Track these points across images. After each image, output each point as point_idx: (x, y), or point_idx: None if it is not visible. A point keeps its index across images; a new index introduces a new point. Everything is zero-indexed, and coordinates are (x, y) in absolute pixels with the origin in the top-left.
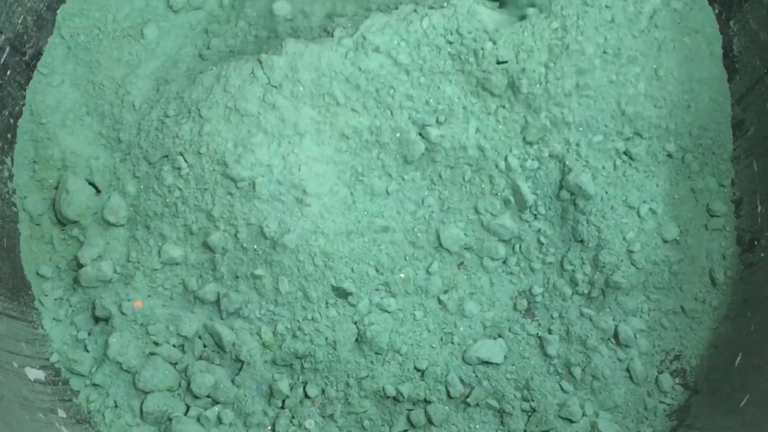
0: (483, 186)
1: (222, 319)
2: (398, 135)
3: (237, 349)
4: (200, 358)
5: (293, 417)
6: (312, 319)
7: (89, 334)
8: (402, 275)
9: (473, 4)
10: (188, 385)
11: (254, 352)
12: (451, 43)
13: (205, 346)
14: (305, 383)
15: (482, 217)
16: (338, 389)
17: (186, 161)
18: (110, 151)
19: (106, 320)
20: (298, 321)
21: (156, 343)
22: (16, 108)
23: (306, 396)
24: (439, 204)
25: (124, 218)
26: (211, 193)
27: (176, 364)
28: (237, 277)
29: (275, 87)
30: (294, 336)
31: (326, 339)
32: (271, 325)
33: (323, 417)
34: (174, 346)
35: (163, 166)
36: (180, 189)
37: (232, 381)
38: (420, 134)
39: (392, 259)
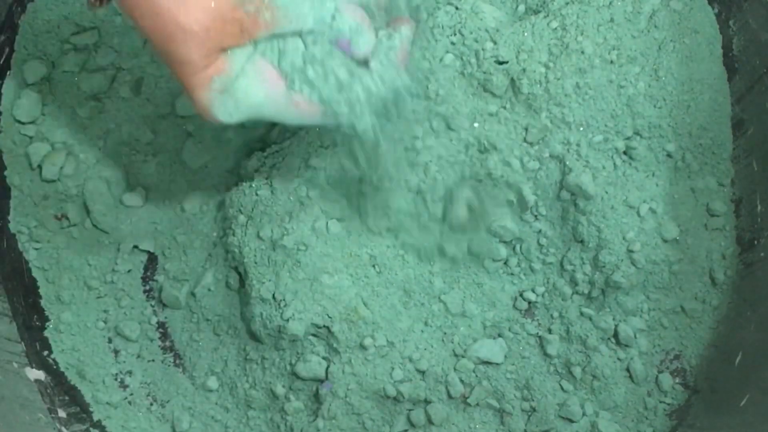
0: None
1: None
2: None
3: None
4: None
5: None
6: None
7: None
8: (410, 272)
9: (477, 1)
10: None
11: None
12: (453, 44)
13: None
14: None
15: None
16: (339, 390)
17: None
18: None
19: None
20: None
21: None
22: None
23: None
24: None
25: None
26: None
27: None
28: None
29: None
30: None
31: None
32: None
33: (323, 418)
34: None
35: None
36: None
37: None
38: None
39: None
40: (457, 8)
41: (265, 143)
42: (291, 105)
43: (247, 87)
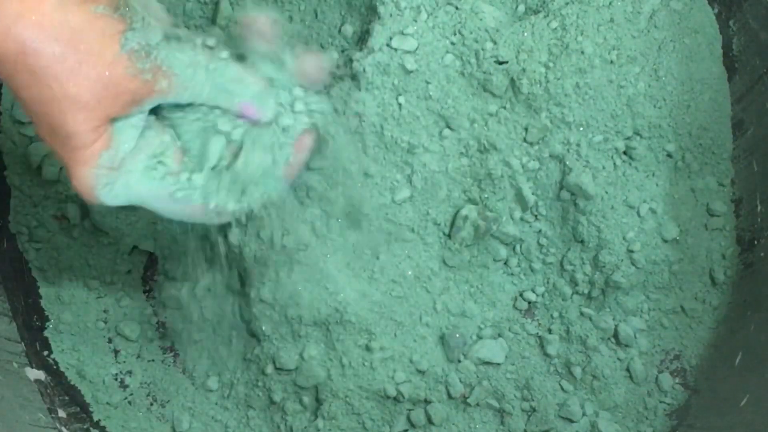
0: None
1: None
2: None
3: None
4: None
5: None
6: None
7: None
8: (410, 272)
9: (477, 1)
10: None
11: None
12: (453, 44)
13: None
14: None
15: None
16: (339, 390)
17: None
18: None
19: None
20: None
21: None
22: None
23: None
24: None
25: None
26: None
27: None
28: None
29: None
30: None
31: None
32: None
33: (323, 418)
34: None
35: None
36: None
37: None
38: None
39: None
40: (457, 8)
41: None
42: (173, 202)
43: (140, 176)
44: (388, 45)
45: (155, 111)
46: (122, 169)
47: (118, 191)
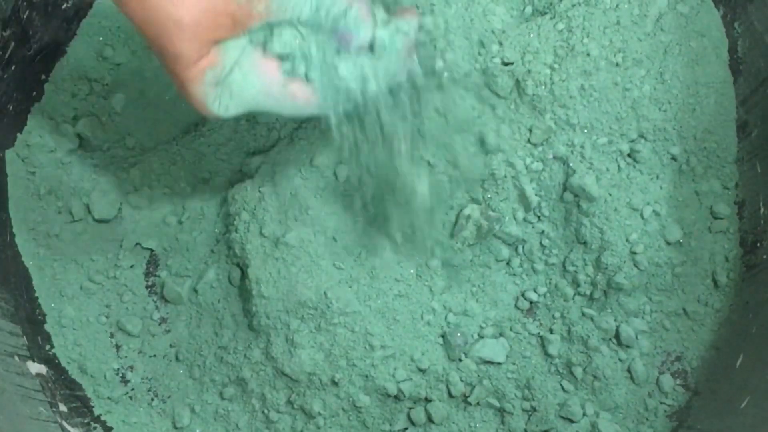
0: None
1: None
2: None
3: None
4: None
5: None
6: None
7: None
8: (412, 270)
9: (490, 3)
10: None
11: None
12: (460, 45)
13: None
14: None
15: None
16: (340, 387)
17: None
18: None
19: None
20: None
21: None
22: (20, 106)
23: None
24: None
25: None
26: None
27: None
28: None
29: None
30: None
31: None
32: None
33: (324, 416)
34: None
35: None
36: None
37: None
38: None
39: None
40: (466, 9)
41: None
42: (287, 95)
43: (242, 79)
44: None
45: None
46: (225, 82)
47: (226, 102)
